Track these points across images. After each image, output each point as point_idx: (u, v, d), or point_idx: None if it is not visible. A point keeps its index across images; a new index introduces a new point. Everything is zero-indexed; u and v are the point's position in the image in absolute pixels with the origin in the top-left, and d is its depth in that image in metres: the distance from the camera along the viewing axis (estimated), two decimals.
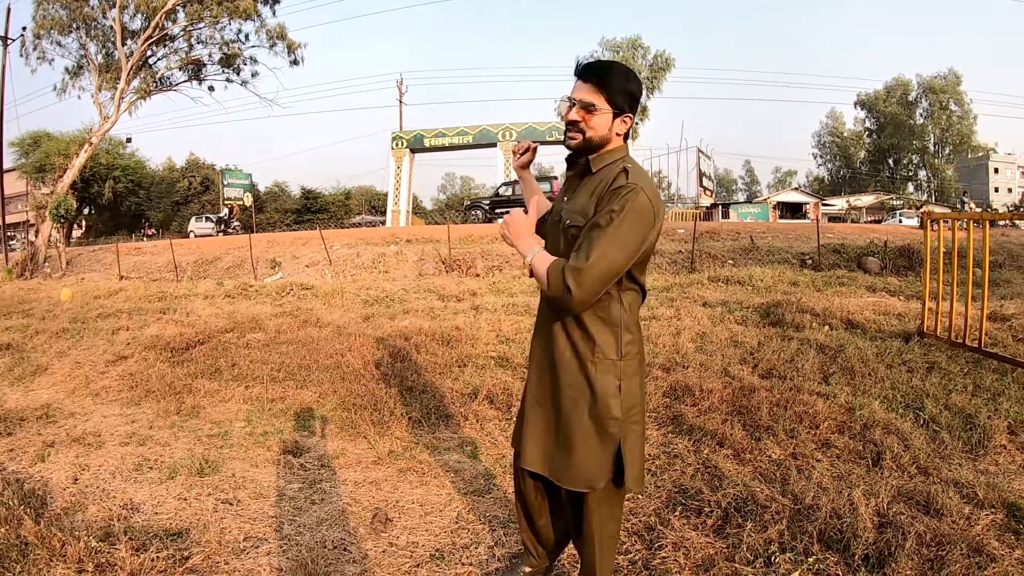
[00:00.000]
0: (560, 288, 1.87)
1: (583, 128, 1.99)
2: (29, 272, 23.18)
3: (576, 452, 2.03)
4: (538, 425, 2.14)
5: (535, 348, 2.22)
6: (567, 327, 2.05)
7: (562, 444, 2.07)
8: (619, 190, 1.90)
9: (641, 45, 46.66)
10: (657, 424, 4.32)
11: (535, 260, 1.98)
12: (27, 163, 42.18)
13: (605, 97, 1.97)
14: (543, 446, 2.13)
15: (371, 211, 47.28)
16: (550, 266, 1.93)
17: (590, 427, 2.02)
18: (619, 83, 1.98)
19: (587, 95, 1.97)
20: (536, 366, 2.19)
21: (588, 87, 1.97)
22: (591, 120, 1.98)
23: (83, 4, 26.14)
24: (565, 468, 2.05)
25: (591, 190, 2.00)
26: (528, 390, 2.21)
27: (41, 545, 2.68)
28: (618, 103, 1.98)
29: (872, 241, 16.15)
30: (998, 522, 2.81)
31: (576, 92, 1.99)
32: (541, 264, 1.96)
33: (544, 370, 2.14)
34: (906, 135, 64.37)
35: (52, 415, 5.03)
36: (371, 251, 18.80)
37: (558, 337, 2.07)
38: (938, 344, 5.73)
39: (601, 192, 1.95)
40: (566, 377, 2.06)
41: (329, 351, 6.42)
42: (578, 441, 2.03)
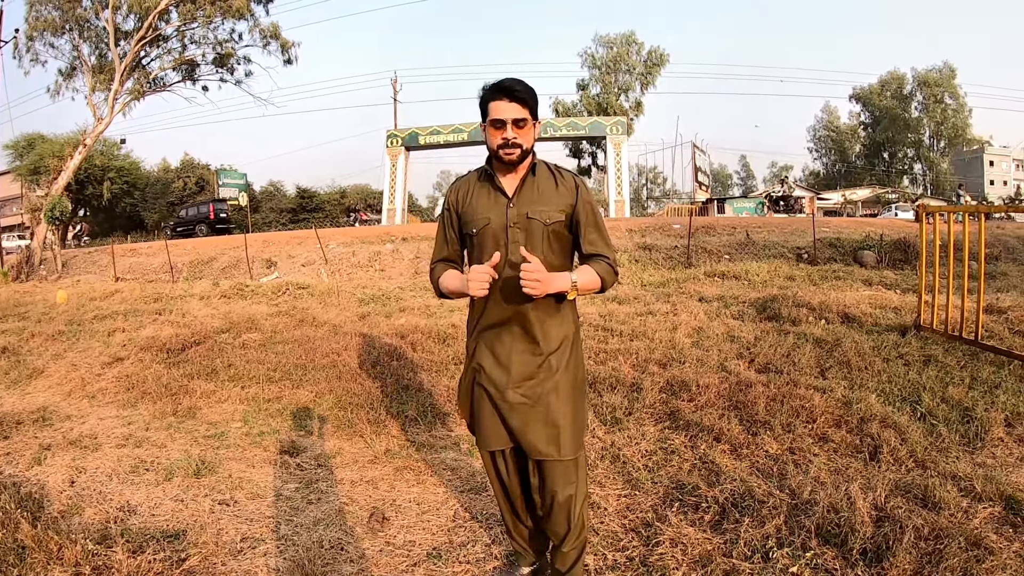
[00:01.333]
0: (615, 278, 2.25)
1: (520, 143, 2.17)
2: (25, 275, 23.11)
3: (576, 419, 2.29)
4: (538, 412, 2.23)
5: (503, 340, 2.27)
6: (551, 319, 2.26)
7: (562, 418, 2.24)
8: (578, 184, 2.29)
9: (635, 40, 46.58)
10: (654, 420, 4.32)
11: (580, 280, 2.14)
12: (21, 165, 41.95)
13: (529, 111, 2.18)
14: (546, 430, 2.23)
15: (366, 209, 47.17)
16: (599, 272, 2.18)
17: (578, 394, 2.33)
18: (534, 96, 2.19)
19: (517, 113, 2.14)
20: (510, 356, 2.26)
21: (515, 106, 2.14)
22: (525, 134, 2.18)
23: (76, 5, 26.04)
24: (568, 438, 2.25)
25: (549, 190, 2.26)
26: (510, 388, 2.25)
27: (38, 548, 2.67)
28: (536, 112, 2.21)
29: (868, 235, 16.16)
30: (996, 515, 2.82)
31: (506, 113, 2.14)
32: (588, 276, 2.17)
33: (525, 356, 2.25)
34: (901, 129, 64.30)
35: (48, 418, 5.02)
36: (367, 250, 18.78)
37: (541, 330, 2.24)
38: (934, 337, 5.74)
39: (566, 189, 2.27)
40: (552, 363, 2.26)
41: (325, 350, 6.40)
42: (576, 409, 2.30)
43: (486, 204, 2.27)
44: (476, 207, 2.28)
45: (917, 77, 63.86)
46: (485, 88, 2.21)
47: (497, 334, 2.28)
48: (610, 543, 2.84)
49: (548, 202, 2.23)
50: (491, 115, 2.16)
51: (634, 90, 46.67)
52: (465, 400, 2.44)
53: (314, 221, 41.00)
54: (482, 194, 2.29)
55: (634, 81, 46.52)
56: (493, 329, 2.28)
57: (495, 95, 2.15)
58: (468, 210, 2.30)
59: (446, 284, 2.32)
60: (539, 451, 2.23)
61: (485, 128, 2.22)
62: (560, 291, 2.10)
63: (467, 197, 2.32)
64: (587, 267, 2.20)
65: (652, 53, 46.38)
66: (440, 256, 2.43)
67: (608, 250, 2.25)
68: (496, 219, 2.23)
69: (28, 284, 19.67)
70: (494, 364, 2.28)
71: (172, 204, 47.51)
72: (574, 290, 2.13)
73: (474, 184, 2.33)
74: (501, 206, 2.24)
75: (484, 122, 2.21)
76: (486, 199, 2.28)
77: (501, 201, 2.25)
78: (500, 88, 2.15)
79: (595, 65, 47.08)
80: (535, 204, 2.22)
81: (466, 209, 2.31)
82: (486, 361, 2.30)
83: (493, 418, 2.29)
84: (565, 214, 2.24)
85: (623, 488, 3.39)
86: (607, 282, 2.20)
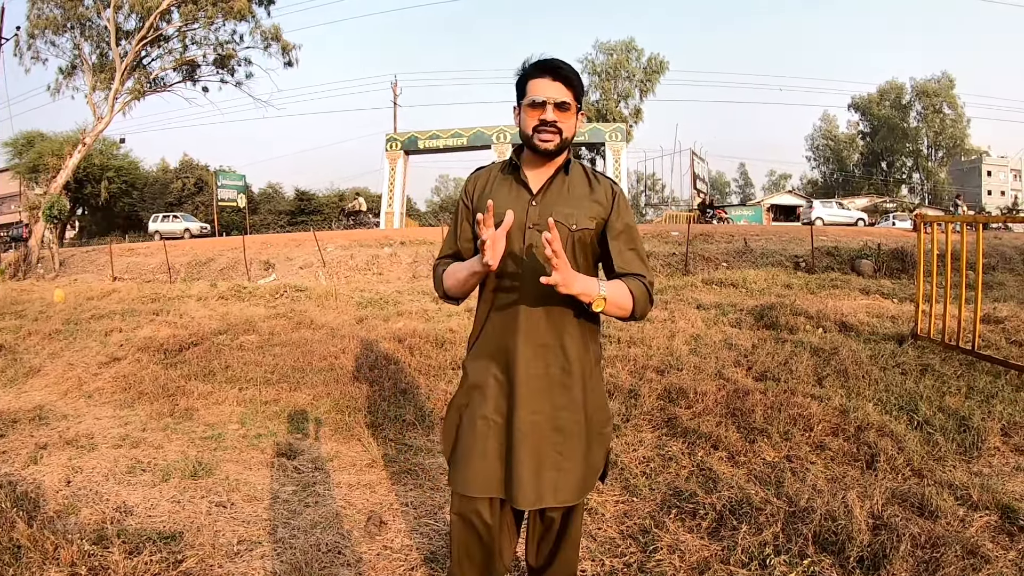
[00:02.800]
0: (649, 307, 1.90)
1: (560, 128, 1.86)
2: (22, 273, 23.08)
3: (589, 463, 1.96)
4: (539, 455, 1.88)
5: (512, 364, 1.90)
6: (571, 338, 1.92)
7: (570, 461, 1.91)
8: (616, 192, 1.96)
9: (635, 47, 46.80)
10: (651, 427, 4.32)
11: (609, 292, 1.77)
12: (20, 163, 41.95)
13: (573, 95, 1.87)
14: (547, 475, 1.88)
15: (365, 213, 47.15)
16: (633, 291, 1.84)
17: (593, 435, 1.97)
18: (581, 81, 1.91)
19: (561, 94, 1.85)
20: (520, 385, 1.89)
21: (558, 86, 1.85)
22: (567, 120, 1.87)
23: (77, 4, 26.13)
24: (573, 484, 1.92)
25: (582, 193, 1.94)
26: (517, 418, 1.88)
27: (34, 548, 2.66)
28: (581, 100, 1.92)
29: (866, 244, 16.20)
30: (992, 524, 2.82)
31: (548, 92, 1.84)
32: (619, 291, 1.81)
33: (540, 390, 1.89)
34: (899, 138, 64.57)
35: (45, 417, 5.00)
36: (365, 253, 18.78)
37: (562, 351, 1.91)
38: (932, 346, 5.75)
39: (603, 195, 1.95)
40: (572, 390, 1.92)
41: (323, 353, 6.39)
42: (591, 452, 1.97)
43: (505, 198, 1.93)
44: (494, 200, 1.84)
45: (916, 87, 64.16)
46: (525, 64, 1.91)
47: (507, 348, 1.91)
48: (608, 549, 2.84)
49: (578, 206, 1.91)
50: (530, 94, 1.86)
51: (633, 97, 46.92)
52: (451, 429, 2.03)
53: (312, 224, 40.99)
54: (503, 186, 1.98)
55: (633, 88, 46.75)
56: (502, 342, 1.92)
57: (536, 72, 1.86)
58: (483, 205, 1.84)
59: (452, 273, 1.96)
60: (535, 497, 1.86)
61: (519, 111, 1.92)
62: (584, 295, 1.71)
63: (486, 188, 2.00)
64: (620, 281, 1.85)
65: (652, 60, 46.62)
66: (448, 252, 2.07)
67: (646, 270, 1.91)
68: (516, 217, 1.85)
69: (25, 282, 19.62)
70: (500, 383, 1.92)
71: (171, 204, 47.44)
72: (602, 300, 1.74)
73: (496, 175, 2.02)
74: (523, 202, 1.91)
75: (519, 104, 1.91)
76: (506, 192, 1.95)
77: (523, 197, 1.93)
78: (543, 65, 1.87)
79: (595, 71, 47.27)
80: (562, 206, 1.90)
81: (481, 204, 1.94)
82: (489, 380, 1.93)
83: (485, 455, 1.89)
84: (596, 223, 1.92)
85: (621, 494, 3.39)
86: (639, 307, 1.84)
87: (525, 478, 1.84)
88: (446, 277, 1.99)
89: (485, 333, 1.98)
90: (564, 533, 2.06)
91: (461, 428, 1.98)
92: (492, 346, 1.95)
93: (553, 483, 1.87)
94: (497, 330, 1.94)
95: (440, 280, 2.02)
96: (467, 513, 1.96)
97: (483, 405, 1.91)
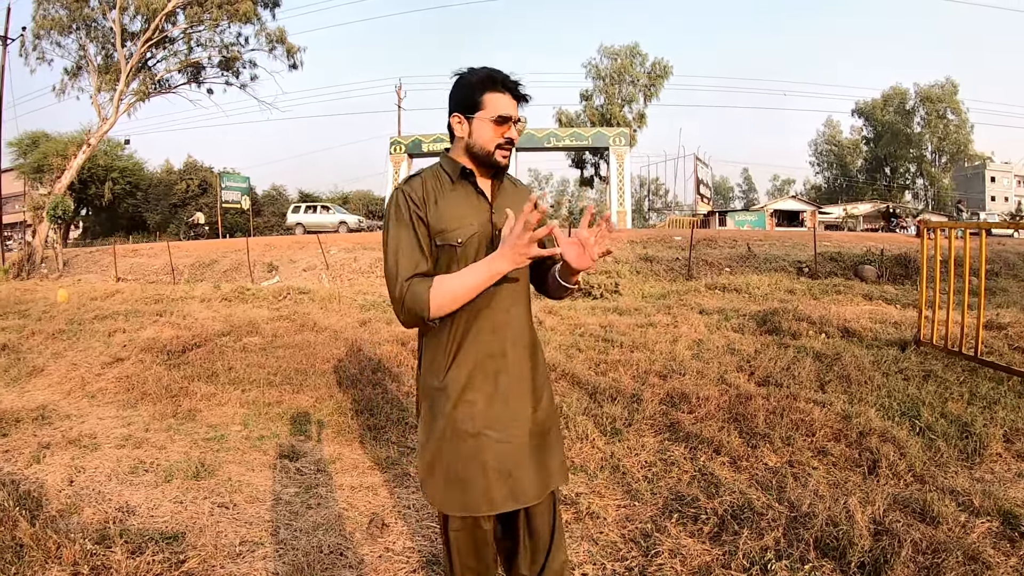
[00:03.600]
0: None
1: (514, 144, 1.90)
2: (26, 273, 23.14)
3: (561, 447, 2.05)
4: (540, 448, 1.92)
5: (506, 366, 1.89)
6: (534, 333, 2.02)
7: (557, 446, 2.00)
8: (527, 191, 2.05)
9: (639, 52, 46.80)
10: (654, 431, 4.32)
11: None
12: (25, 163, 42.07)
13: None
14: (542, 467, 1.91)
15: (368, 215, 47.17)
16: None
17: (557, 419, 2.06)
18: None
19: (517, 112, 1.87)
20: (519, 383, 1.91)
21: (515, 104, 1.87)
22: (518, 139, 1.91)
23: (83, 5, 26.21)
24: (563, 466, 2.02)
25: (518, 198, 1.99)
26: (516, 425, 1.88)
27: (36, 547, 2.67)
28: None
29: (869, 249, 16.20)
30: (994, 530, 2.82)
31: (513, 109, 1.85)
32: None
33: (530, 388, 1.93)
34: (903, 144, 64.45)
35: (48, 416, 5.02)
36: (368, 256, 18.80)
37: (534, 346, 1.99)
38: (934, 352, 5.75)
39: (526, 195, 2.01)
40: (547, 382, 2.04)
41: (326, 356, 6.41)
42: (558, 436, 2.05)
43: (466, 208, 1.87)
44: (457, 213, 1.84)
45: (919, 92, 64.07)
46: (477, 75, 1.85)
47: (495, 354, 1.87)
48: (609, 553, 2.84)
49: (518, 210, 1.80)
50: (495, 109, 1.81)
51: (637, 101, 46.84)
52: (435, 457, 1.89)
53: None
54: (460, 197, 1.88)
55: (637, 92, 46.68)
56: (489, 350, 1.87)
57: (501, 88, 1.83)
58: (445, 215, 1.83)
59: (452, 285, 1.77)
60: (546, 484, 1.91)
61: (471, 123, 1.84)
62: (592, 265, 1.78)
63: (439, 199, 1.86)
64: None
65: (656, 65, 46.57)
66: (418, 269, 1.81)
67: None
68: (482, 228, 1.85)
69: (29, 282, 19.67)
70: (490, 393, 1.86)
71: (175, 206, 47.57)
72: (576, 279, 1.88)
73: (442, 183, 1.89)
74: (484, 213, 1.88)
75: (472, 114, 1.84)
76: (466, 204, 1.88)
77: (484, 207, 1.89)
78: (510, 82, 1.84)
79: (599, 76, 47.25)
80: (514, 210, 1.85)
81: (442, 214, 1.83)
82: (478, 394, 1.85)
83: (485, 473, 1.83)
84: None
85: (622, 499, 3.39)
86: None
87: (533, 475, 1.87)
88: (442, 293, 1.76)
89: (466, 346, 1.86)
90: (555, 522, 2.05)
91: (448, 452, 1.86)
92: (476, 356, 1.86)
93: (555, 469, 1.95)
94: (480, 339, 1.86)
95: (426, 299, 1.75)
96: (469, 529, 1.95)
97: (472, 422, 1.84)
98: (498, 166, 1.88)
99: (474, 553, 1.99)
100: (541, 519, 2.01)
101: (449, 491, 1.86)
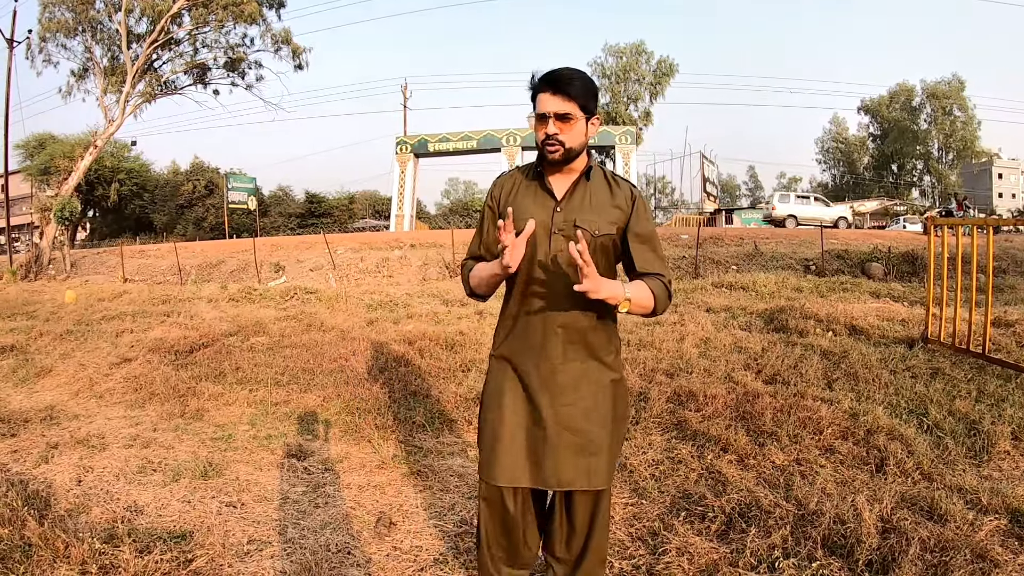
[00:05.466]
0: (668, 303, 2.04)
1: (562, 139, 1.97)
2: (33, 274, 23.26)
3: (613, 449, 2.11)
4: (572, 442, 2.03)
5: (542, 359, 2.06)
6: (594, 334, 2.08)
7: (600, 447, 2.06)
8: (635, 196, 2.09)
9: (645, 50, 46.77)
10: (661, 430, 4.31)
11: (633, 293, 1.90)
12: (32, 165, 42.27)
13: (578, 106, 1.96)
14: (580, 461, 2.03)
15: (375, 215, 47.23)
16: (653, 290, 1.97)
17: (618, 423, 2.13)
18: (587, 89, 1.98)
19: (559, 107, 1.95)
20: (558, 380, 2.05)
21: (558, 99, 1.95)
22: (569, 130, 1.97)
23: (89, 7, 26.29)
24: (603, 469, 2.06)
25: (603, 199, 2.06)
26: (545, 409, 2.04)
27: (45, 546, 2.68)
28: (590, 108, 2.00)
29: (876, 247, 16.14)
30: (1002, 528, 2.81)
31: (548, 106, 1.95)
32: (642, 292, 1.95)
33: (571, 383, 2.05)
34: (910, 141, 64.11)
35: (56, 417, 5.04)
36: (375, 256, 18.84)
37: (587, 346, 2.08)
38: (942, 350, 5.73)
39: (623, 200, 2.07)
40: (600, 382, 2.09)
41: (333, 355, 6.42)
42: (615, 439, 2.12)
43: (531, 204, 2.06)
44: (520, 206, 2.05)
45: (926, 89, 63.73)
46: (533, 77, 2.02)
47: (538, 345, 2.06)
48: (617, 552, 2.84)
49: (600, 212, 2.03)
50: (537, 108, 1.98)
51: (643, 100, 46.86)
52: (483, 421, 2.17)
53: (322, 226, 41.14)
54: (528, 192, 2.09)
55: (643, 91, 46.68)
56: (533, 339, 2.06)
57: (541, 86, 1.98)
58: (517, 207, 2.05)
59: (477, 273, 2.12)
60: (570, 480, 2.02)
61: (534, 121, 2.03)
62: (611, 298, 1.83)
63: (512, 193, 2.12)
64: (641, 282, 1.98)
65: (661, 63, 46.57)
66: (474, 253, 2.22)
67: (665, 269, 2.06)
68: (540, 222, 2.01)
69: (37, 283, 19.79)
70: (531, 378, 2.06)
71: (181, 207, 47.73)
72: (627, 302, 1.87)
73: (521, 181, 2.14)
74: (548, 209, 2.04)
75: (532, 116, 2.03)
76: (532, 198, 2.07)
77: (548, 203, 2.05)
78: (545, 78, 1.98)
79: (604, 75, 47.24)
80: (585, 212, 2.02)
81: (515, 206, 2.05)
82: (519, 375, 2.09)
83: (513, 447, 2.05)
84: (617, 227, 2.05)
85: (630, 497, 3.39)
86: (660, 304, 1.99)
87: (558, 464, 2.01)
88: (472, 276, 2.16)
89: (516, 330, 2.12)
90: (595, 519, 2.15)
91: (491, 420, 2.12)
92: (523, 343, 2.09)
93: (586, 468, 2.03)
94: (528, 328, 2.08)
95: (467, 279, 2.19)
96: (493, 500, 2.15)
97: (514, 400, 2.08)
98: (547, 159, 2.03)
99: (500, 526, 2.18)
100: (580, 509, 2.13)
101: (481, 454, 2.15)
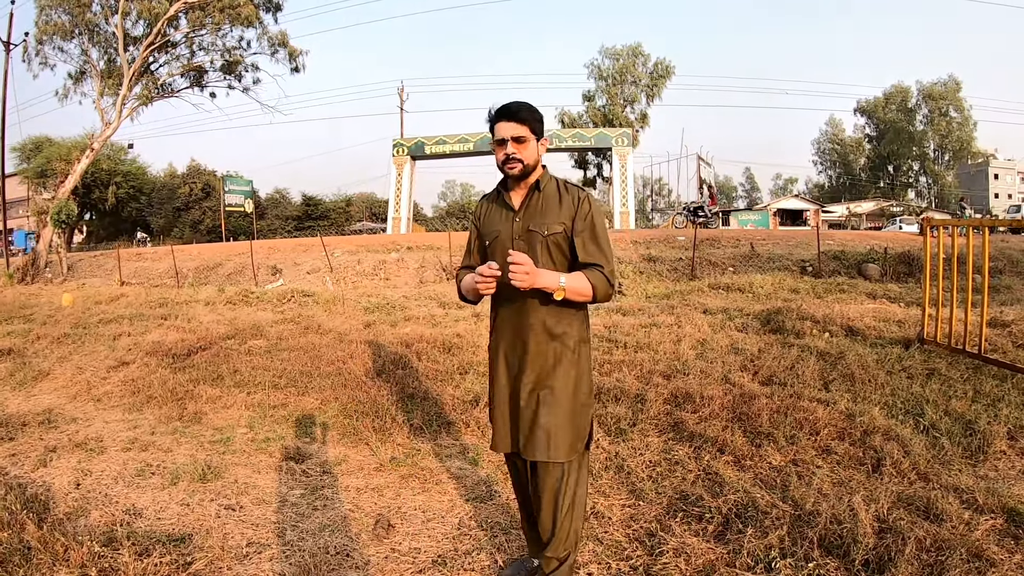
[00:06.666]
0: (609, 290, 2.34)
1: (520, 158, 2.33)
2: (30, 277, 23.20)
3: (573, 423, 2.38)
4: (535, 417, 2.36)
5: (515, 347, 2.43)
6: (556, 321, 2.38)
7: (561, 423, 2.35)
8: (582, 198, 2.41)
9: (641, 53, 46.81)
10: (658, 431, 4.32)
11: (568, 282, 2.25)
12: (29, 168, 42.23)
13: (529, 129, 2.33)
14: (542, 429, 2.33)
15: (372, 218, 47.22)
16: (590, 279, 2.29)
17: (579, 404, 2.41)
18: (534, 116, 2.35)
19: (515, 131, 2.31)
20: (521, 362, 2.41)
21: (512, 125, 2.31)
22: (524, 150, 2.33)
23: (85, 10, 26.22)
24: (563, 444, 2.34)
25: (553, 204, 2.40)
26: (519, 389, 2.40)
27: (44, 550, 2.69)
28: (538, 131, 2.37)
29: (872, 248, 16.15)
30: (998, 527, 2.82)
31: (505, 132, 2.31)
32: (578, 281, 2.28)
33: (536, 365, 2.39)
34: (906, 142, 64.34)
35: (54, 420, 5.04)
36: (372, 258, 18.83)
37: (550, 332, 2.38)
38: (938, 350, 5.74)
39: (569, 203, 2.40)
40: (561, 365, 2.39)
41: (330, 358, 6.43)
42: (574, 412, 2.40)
43: (497, 218, 2.50)
44: (490, 221, 2.52)
45: (922, 90, 63.98)
46: (490, 112, 2.38)
47: (509, 334, 2.45)
48: (614, 552, 2.85)
49: (550, 215, 2.38)
50: (495, 135, 2.35)
51: (640, 102, 46.88)
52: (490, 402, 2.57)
53: (319, 229, 41.09)
54: (494, 209, 2.53)
55: (640, 93, 46.71)
56: (506, 329, 2.46)
57: (497, 117, 2.34)
58: (485, 223, 2.55)
59: (467, 283, 2.50)
60: (531, 450, 2.34)
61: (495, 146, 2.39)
62: (546, 287, 2.22)
63: (486, 212, 2.57)
64: (579, 272, 2.32)
65: (658, 65, 46.61)
66: (465, 264, 2.65)
67: (604, 260, 2.35)
68: (504, 232, 2.44)
69: (33, 286, 19.74)
70: (510, 361, 2.45)
71: (178, 210, 47.65)
72: (561, 290, 2.23)
73: (491, 202, 2.57)
74: (509, 220, 2.45)
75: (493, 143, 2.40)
76: (498, 213, 2.50)
77: (509, 215, 2.46)
78: (500, 110, 2.34)
79: (601, 77, 47.29)
80: (537, 218, 2.39)
81: (484, 222, 2.56)
82: (502, 359, 2.48)
83: (503, 419, 2.45)
84: (564, 226, 2.37)
85: (627, 498, 3.40)
86: (599, 291, 2.31)
87: (527, 435, 2.36)
88: (463, 285, 2.57)
89: (498, 324, 2.52)
90: (559, 496, 2.40)
91: (490, 400, 2.56)
92: (504, 334, 2.48)
93: (545, 441, 2.32)
94: (507, 321, 2.47)
95: (459, 287, 2.61)
96: (510, 463, 2.67)
97: (499, 379, 2.49)
98: (508, 176, 2.41)
99: (516, 487, 2.68)
100: (546, 483, 2.41)
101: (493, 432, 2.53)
